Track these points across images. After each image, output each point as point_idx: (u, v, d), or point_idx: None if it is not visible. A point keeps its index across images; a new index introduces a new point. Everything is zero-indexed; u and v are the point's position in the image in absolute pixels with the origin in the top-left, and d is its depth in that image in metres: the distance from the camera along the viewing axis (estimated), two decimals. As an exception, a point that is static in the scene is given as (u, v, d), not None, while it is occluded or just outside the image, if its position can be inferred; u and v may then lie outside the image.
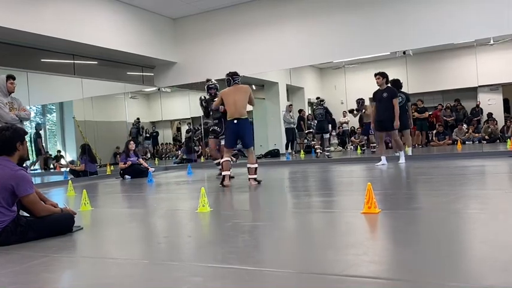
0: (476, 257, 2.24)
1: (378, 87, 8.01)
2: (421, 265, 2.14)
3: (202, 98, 7.85)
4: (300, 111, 13.56)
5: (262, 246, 2.84)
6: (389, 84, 8.11)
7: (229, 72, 6.46)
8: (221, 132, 7.26)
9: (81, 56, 10.23)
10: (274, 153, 12.75)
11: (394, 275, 2.05)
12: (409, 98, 9.23)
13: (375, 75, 8.04)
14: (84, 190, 4.99)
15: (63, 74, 10.28)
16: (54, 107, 14.09)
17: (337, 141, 13.68)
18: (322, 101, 11.09)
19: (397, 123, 7.68)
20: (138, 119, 13.83)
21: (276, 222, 3.60)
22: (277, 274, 2.17)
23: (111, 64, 11.11)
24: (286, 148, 12.45)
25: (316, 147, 11.25)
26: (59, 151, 13.68)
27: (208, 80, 7.79)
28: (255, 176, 6.13)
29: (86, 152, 10.27)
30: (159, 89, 12.74)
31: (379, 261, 2.27)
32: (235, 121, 6.06)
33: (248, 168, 6.19)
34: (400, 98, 8.19)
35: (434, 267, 2.08)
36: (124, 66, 11.43)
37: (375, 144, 10.41)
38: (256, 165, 6.16)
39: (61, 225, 3.41)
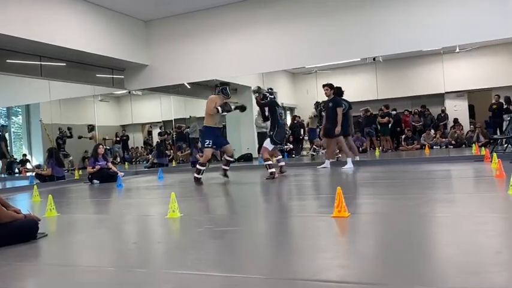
0: (443, 260, 2.28)
1: (327, 98, 8.67)
2: (389, 268, 2.16)
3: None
4: (273, 115, 13.60)
5: (233, 251, 2.82)
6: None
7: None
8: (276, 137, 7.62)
9: (49, 57, 9.95)
10: (247, 157, 12.77)
11: (362, 279, 2.06)
12: (351, 106, 9.57)
13: (323, 86, 8.68)
14: (50, 195, 4.84)
15: (29, 76, 9.97)
16: (20, 110, 13.68)
17: (309, 146, 13.79)
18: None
19: (338, 129, 8.31)
20: (59, 128, 12.58)
21: (247, 227, 3.59)
22: (247, 280, 2.15)
23: (80, 66, 10.85)
24: (258, 152, 12.47)
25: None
26: (24, 155, 13.28)
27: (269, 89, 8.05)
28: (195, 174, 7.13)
29: (53, 156, 10.00)
30: (129, 92, 12.54)
31: (347, 265, 2.29)
32: None
33: None
34: (343, 106, 8.72)
35: (402, 270, 2.11)
36: (93, 68, 11.19)
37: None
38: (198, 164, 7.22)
39: (24, 232, 3.29)
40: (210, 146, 7.07)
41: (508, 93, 11.23)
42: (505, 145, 8.77)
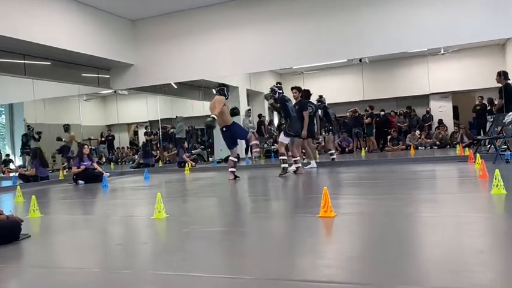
0: (429, 260, 2.30)
1: (295, 100, 8.64)
2: (375, 268, 2.17)
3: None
4: (260, 116, 13.62)
5: (219, 252, 2.80)
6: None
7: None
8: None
9: (33, 56, 9.81)
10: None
11: (349, 279, 2.07)
12: (317, 108, 9.63)
13: (292, 89, 8.71)
14: (33, 196, 4.77)
15: (13, 75, 9.82)
16: (3, 109, 13.45)
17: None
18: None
19: (304, 132, 8.35)
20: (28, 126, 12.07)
21: (233, 228, 3.58)
22: (233, 280, 2.14)
23: (65, 65, 10.71)
24: (246, 152, 12.45)
25: (331, 151, 10.32)
26: (7, 155, 13.06)
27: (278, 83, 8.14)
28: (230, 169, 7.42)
29: (37, 156, 9.85)
30: (115, 92, 12.41)
31: (334, 265, 2.30)
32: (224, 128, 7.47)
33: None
34: (310, 108, 8.77)
35: (389, 270, 2.13)
36: (79, 67, 11.06)
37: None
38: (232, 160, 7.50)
39: (7, 233, 3.23)
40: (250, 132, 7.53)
41: (491, 95, 11.40)
42: (488, 146, 8.90)
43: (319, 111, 10.19)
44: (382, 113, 13.74)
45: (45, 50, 9.49)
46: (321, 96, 10.45)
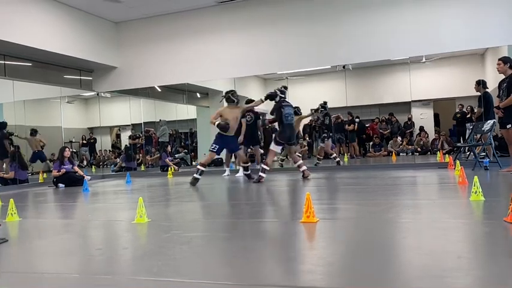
0: (408, 265, 2.33)
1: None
2: (355, 273, 2.19)
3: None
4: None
5: (200, 257, 2.79)
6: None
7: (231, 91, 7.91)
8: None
9: (13, 56, 9.64)
10: (217, 163, 12.69)
11: (329, 284, 2.08)
12: (258, 117, 9.76)
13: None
14: (11, 199, 4.67)
15: (-8, 75, 9.63)
16: (-19, 110, 13.14)
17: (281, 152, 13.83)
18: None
19: (240, 138, 8.67)
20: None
21: (214, 233, 3.56)
22: (214, 286, 2.13)
23: (46, 66, 10.55)
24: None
25: (334, 155, 10.64)
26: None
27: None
28: (244, 172, 7.87)
29: (16, 158, 9.66)
30: (98, 94, 12.28)
31: (315, 270, 2.30)
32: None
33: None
34: (248, 117, 9.15)
35: (368, 274, 2.14)
36: (60, 68, 10.91)
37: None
38: (245, 164, 7.99)
39: (-18, 237, 3.16)
40: (214, 150, 7.54)
41: (471, 103, 11.64)
42: (468, 153, 9.07)
43: (326, 117, 10.49)
44: (357, 120, 13.90)
45: (26, 51, 9.34)
46: (325, 103, 10.55)
